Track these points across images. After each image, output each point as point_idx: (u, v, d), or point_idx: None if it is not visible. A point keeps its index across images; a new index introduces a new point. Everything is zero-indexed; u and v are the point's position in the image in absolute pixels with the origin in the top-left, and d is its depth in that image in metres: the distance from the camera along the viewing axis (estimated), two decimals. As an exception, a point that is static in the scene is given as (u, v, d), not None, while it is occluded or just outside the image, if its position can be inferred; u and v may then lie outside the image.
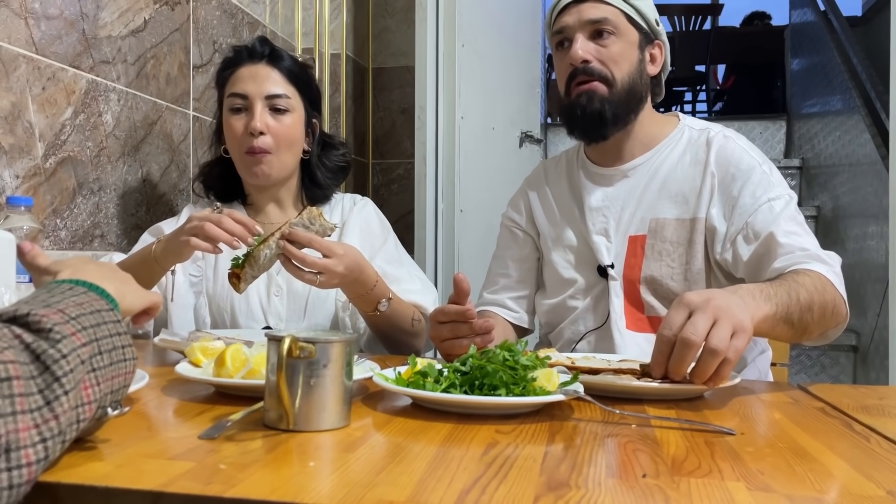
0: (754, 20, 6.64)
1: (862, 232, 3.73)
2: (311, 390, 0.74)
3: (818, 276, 1.17)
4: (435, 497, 0.56)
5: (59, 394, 0.55)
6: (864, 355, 3.57)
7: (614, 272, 1.39)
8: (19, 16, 1.38)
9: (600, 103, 1.34)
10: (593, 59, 1.35)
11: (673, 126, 1.45)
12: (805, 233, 1.28)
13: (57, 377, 0.55)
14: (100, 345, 0.62)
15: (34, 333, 0.56)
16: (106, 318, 0.65)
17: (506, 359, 0.87)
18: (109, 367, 0.64)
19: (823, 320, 1.16)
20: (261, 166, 1.49)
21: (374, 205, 1.69)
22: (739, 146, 1.37)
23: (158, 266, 1.31)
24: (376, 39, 2.99)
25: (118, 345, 0.66)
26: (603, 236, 1.42)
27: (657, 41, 1.42)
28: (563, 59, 1.39)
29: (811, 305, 1.12)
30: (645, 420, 0.85)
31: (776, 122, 5.54)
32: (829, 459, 0.73)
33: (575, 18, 1.36)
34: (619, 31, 1.36)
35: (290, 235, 1.20)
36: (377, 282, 1.34)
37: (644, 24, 1.38)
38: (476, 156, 3.04)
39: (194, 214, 1.26)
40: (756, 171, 1.33)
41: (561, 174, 1.54)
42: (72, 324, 0.60)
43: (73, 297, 0.65)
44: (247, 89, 1.50)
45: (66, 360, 0.56)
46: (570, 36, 1.37)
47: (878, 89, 3.83)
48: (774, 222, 1.27)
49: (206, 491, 0.55)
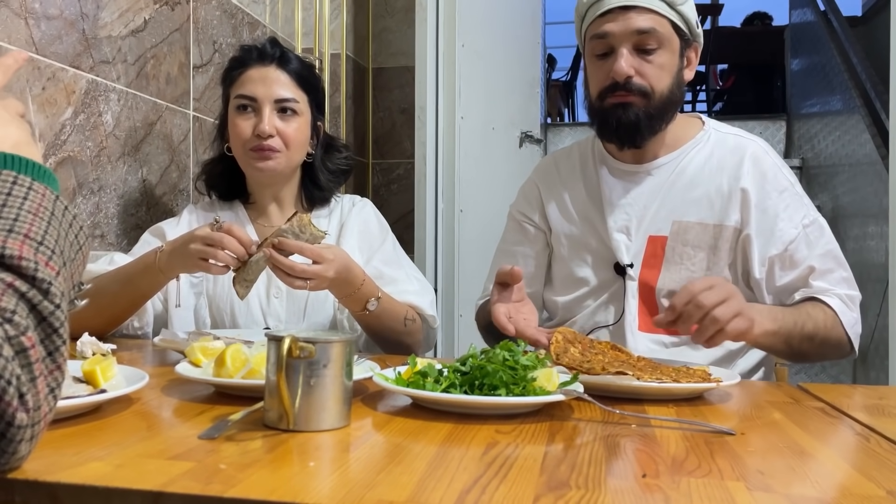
0: (755, 20, 6.64)
1: (862, 232, 3.73)
2: (311, 390, 0.74)
3: (832, 314, 1.28)
4: (435, 497, 0.56)
5: (58, 344, 0.58)
6: (864, 355, 3.57)
7: (632, 272, 1.38)
8: (19, 16, 1.38)
9: (636, 115, 1.31)
10: (635, 73, 1.30)
11: (697, 128, 1.43)
12: (838, 266, 1.34)
13: (55, 328, 0.57)
14: (64, 256, 0.63)
15: (23, 280, 0.57)
16: (58, 213, 0.65)
17: (506, 359, 0.87)
18: (72, 263, 0.65)
19: (823, 351, 1.29)
20: (267, 162, 1.50)
21: (374, 206, 1.68)
22: (775, 163, 1.37)
23: (163, 276, 1.31)
24: (376, 39, 2.99)
25: (73, 238, 0.66)
26: (624, 234, 1.39)
27: (694, 43, 1.38)
28: (602, 68, 1.33)
29: (814, 337, 1.25)
30: (645, 420, 0.85)
31: (776, 122, 5.55)
32: (829, 459, 0.73)
33: (621, 27, 1.29)
34: (664, 41, 1.31)
35: (279, 245, 1.20)
36: (364, 281, 1.34)
37: (686, 30, 1.34)
38: (476, 156, 3.04)
39: (196, 233, 1.24)
40: (789, 193, 1.35)
41: (574, 168, 1.50)
42: (42, 252, 0.59)
43: (25, 201, 0.62)
44: (256, 92, 1.49)
45: (59, 310, 0.58)
46: (614, 45, 1.31)
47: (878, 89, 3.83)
48: (812, 255, 1.32)
49: (206, 491, 0.55)
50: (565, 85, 6.90)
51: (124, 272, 1.35)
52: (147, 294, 1.38)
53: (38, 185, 0.66)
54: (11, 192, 0.63)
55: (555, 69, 6.74)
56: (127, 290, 1.35)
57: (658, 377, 0.98)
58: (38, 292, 0.57)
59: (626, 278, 1.38)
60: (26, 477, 0.57)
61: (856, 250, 3.77)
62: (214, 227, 1.23)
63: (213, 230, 1.22)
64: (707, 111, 6.87)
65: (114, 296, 1.34)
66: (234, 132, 1.52)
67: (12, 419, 0.53)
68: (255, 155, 1.50)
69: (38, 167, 0.68)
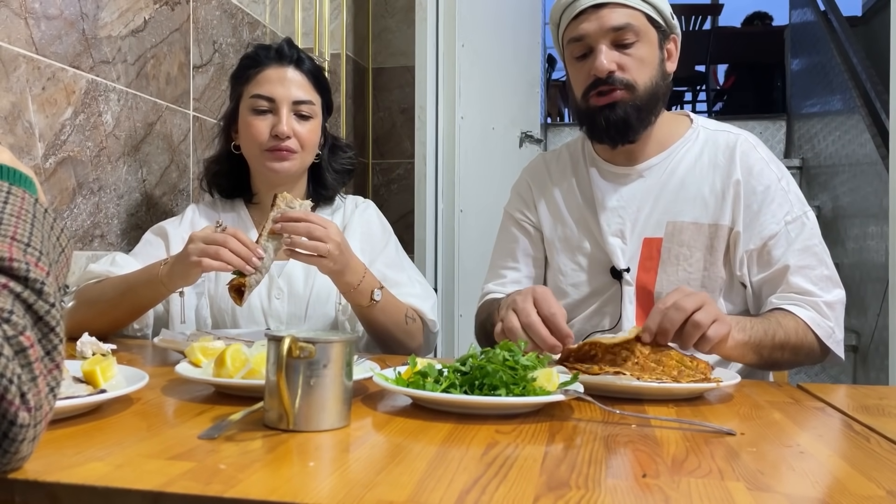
0: (755, 20, 6.65)
1: (862, 232, 3.73)
2: (311, 390, 0.74)
3: (803, 325, 1.26)
4: (435, 497, 0.56)
5: (56, 343, 0.58)
6: (864, 355, 3.57)
7: (629, 276, 1.36)
8: (19, 16, 1.38)
9: (623, 111, 1.30)
10: (616, 67, 1.30)
11: (686, 126, 1.42)
12: (819, 263, 1.31)
13: (52, 327, 0.58)
14: (49, 258, 0.63)
15: (17, 281, 0.57)
16: (39, 216, 0.65)
17: (506, 359, 0.87)
18: (56, 265, 0.65)
19: (796, 359, 1.27)
20: (283, 163, 1.50)
21: (377, 207, 1.69)
22: (762, 157, 1.36)
23: (165, 288, 1.30)
24: (376, 39, 2.99)
25: (55, 240, 0.67)
26: (619, 238, 1.38)
27: (672, 35, 1.38)
28: (583, 68, 1.33)
29: (784, 345, 1.23)
30: (645, 420, 0.85)
31: (776, 122, 5.55)
32: (829, 459, 0.73)
33: (596, 26, 1.30)
34: (642, 35, 1.31)
35: (283, 217, 1.22)
36: (366, 272, 1.35)
37: (662, 22, 1.34)
38: (476, 156, 3.04)
39: (196, 234, 1.23)
40: (773, 188, 1.33)
41: (565, 171, 1.49)
42: (31, 253, 0.60)
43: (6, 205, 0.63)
44: (275, 92, 1.49)
45: (55, 308, 0.58)
46: (592, 45, 1.31)
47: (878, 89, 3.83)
48: (790, 252, 1.30)
49: (206, 491, 0.55)
50: (565, 85, 6.89)
51: (127, 281, 1.35)
52: (148, 305, 1.39)
53: (16, 188, 0.66)
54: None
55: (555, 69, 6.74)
56: (128, 299, 1.35)
57: (658, 377, 0.98)
58: (33, 293, 0.57)
59: (623, 283, 1.36)
60: (26, 477, 0.57)
61: (856, 250, 3.77)
62: (217, 229, 1.23)
63: (217, 232, 1.22)
64: (707, 111, 6.88)
65: (115, 303, 1.35)
66: (248, 132, 1.51)
67: (15, 418, 0.53)
68: (270, 156, 1.50)
69: (14, 171, 0.68)
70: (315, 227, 1.23)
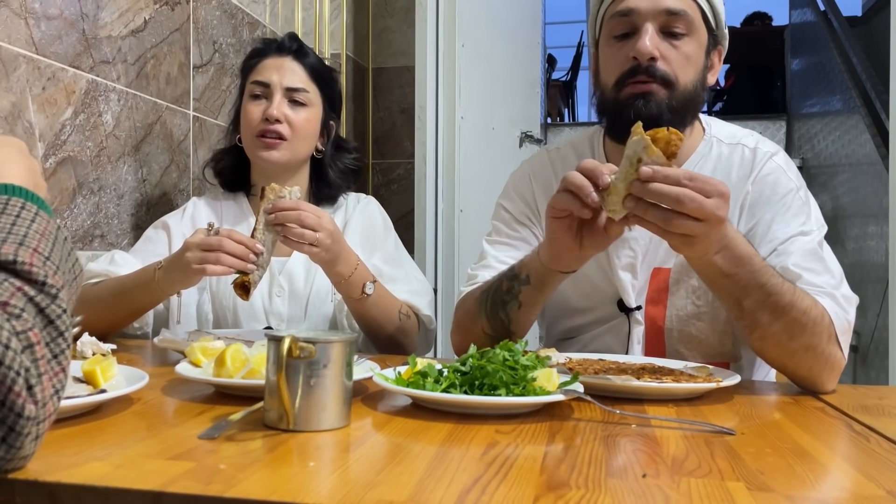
0: (755, 20, 6.64)
1: (862, 232, 3.73)
2: (311, 390, 0.74)
3: (820, 310, 1.05)
4: (435, 497, 0.56)
5: (63, 347, 0.59)
6: (864, 355, 3.57)
7: (639, 315, 1.25)
8: (19, 16, 1.38)
9: (658, 107, 1.14)
10: (660, 56, 1.15)
11: (699, 137, 1.28)
12: (824, 270, 1.13)
13: (61, 332, 0.59)
14: (65, 278, 0.65)
15: (32, 285, 0.59)
16: (60, 240, 0.68)
17: (506, 359, 0.87)
18: (69, 289, 0.67)
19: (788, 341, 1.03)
20: (272, 151, 1.51)
21: (378, 204, 1.69)
22: (779, 166, 1.24)
23: (162, 293, 1.30)
24: (376, 39, 2.99)
25: (70, 266, 0.69)
26: (629, 272, 1.26)
27: (719, 45, 1.25)
28: (621, 49, 1.17)
29: (785, 312, 1.01)
30: (645, 420, 0.84)
31: (776, 122, 5.55)
32: (829, 459, 0.73)
33: (650, 4, 1.15)
34: (694, 29, 1.17)
35: (275, 207, 1.22)
36: (358, 264, 1.35)
37: (714, 26, 1.21)
38: (476, 156, 3.04)
39: (190, 242, 1.22)
40: (791, 196, 1.20)
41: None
42: (49, 265, 0.62)
43: (33, 224, 0.66)
44: (269, 78, 1.53)
45: (66, 314, 0.60)
46: (638, 24, 1.15)
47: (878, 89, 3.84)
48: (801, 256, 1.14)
49: (206, 491, 0.55)
50: (565, 85, 6.91)
51: (123, 285, 1.35)
52: (145, 308, 1.39)
53: (42, 212, 0.70)
54: (20, 215, 0.66)
55: (555, 69, 6.75)
56: (125, 302, 1.35)
57: (658, 377, 0.98)
58: (47, 297, 0.59)
59: (632, 321, 1.26)
60: (26, 477, 0.57)
61: (856, 250, 3.77)
62: (210, 232, 1.23)
63: (209, 236, 1.22)
64: (707, 111, 6.88)
65: (112, 306, 1.35)
66: (244, 118, 1.55)
67: (22, 410, 0.54)
68: (260, 143, 1.51)
69: (42, 201, 0.72)
70: (307, 216, 1.23)
